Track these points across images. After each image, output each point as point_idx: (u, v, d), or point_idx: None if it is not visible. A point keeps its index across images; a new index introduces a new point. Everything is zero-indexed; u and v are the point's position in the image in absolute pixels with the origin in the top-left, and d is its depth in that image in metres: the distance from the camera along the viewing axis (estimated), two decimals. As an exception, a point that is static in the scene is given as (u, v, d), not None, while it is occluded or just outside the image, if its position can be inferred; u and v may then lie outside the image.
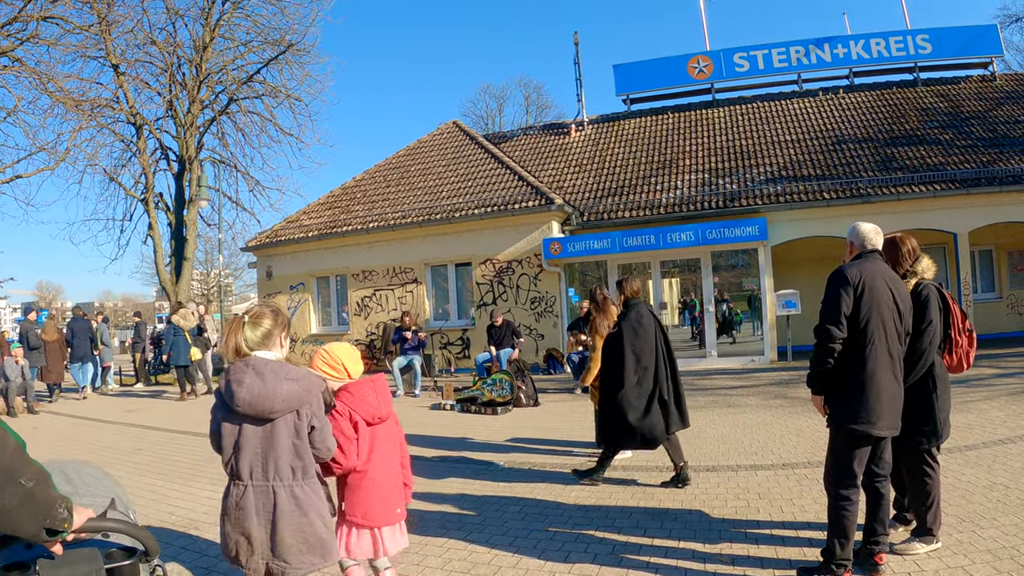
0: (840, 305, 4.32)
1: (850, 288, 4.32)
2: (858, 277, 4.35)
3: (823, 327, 4.38)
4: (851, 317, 4.33)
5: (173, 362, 16.29)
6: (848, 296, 4.32)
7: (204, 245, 46.86)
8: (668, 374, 7.03)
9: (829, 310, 4.38)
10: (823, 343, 4.39)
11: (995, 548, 4.71)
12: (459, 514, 6.41)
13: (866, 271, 4.40)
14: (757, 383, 14.09)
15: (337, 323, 22.33)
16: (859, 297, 4.32)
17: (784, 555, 4.93)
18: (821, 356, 4.42)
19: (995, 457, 7.08)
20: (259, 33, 26.62)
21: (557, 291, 18.86)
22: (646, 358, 6.95)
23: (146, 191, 25.67)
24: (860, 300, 4.32)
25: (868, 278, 4.36)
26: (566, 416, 11.57)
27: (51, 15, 22.08)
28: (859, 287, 4.32)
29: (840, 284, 4.38)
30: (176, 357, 16.12)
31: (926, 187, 17.32)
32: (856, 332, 4.34)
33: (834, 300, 4.36)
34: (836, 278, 4.44)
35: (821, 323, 4.41)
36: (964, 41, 23.36)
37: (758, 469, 7.35)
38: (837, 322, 4.32)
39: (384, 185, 23.48)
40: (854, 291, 4.32)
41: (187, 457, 9.66)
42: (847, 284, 4.34)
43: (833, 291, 4.40)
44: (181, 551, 5.75)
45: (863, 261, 4.53)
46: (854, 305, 4.32)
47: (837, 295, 4.36)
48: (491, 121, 57.62)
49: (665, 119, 24.64)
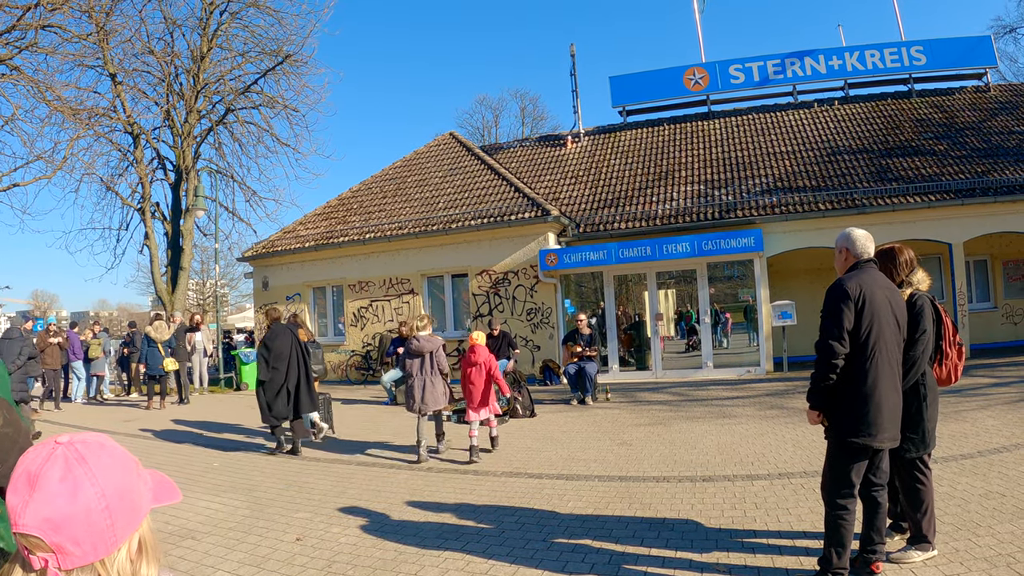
0: (842, 320, 4.30)
1: (851, 303, 4.31)
2: (858, 291, 4.33)
3: (825, 343, 4.35)
4: (852, 331, 4.31)
5: (148, 372, 16.70)
6: (849, 311, 4.30)
7: (200, 255, 47.06)
8: (299, 373, 10.40)
9: (831, 326, 4.35)
10: (826, 359, 4.35)
11: (991, 556, 4.72)
12: (457, 524, 6.41)
13: (865, 283, 4.38)
14: (753, 394, 14.10)
15: (333, 334, 22.30)
16: (860, 311, 4.30)
17: (780, 564, 4.94)
18: (823, 372, 4.39)
19: (991, 465, 7.10)
20: (256, 44, 26.80)
21: (553, 302, 18.85)
22: (275, 361, 10.25)
23: (143, 200, 25.71)
24: (861, 313, 4.30)
25: (868, 291, 4.34)
26: (562, 426, 11.58)
27: (50, 24, 22.15)
28: (860, 301, 4.31)
29: (841, 299, 4.35)
30: (151, 367, 16.50)
31: (921, 198, 17.38)
32: (857, 345, 4.32)
33: (836, 315, 4.34)
34: (836, 293, 4.41)
35: (823, 339, 4.38)
36: (958, 52, 23.48)
37: (754, 479, 7.36)
38: (840, 338, 4.30)
39: (381, 196, 23.49)
40: (855, 305, 4.30)
41: (184, 467, 9.64)
42: (848, 299, 4.32)
43: (834, 306, 4.38)
44: (178, 560, 5.76)
45: (860, 272, 4.51)
46: (855, 319, 4.31)
47: (839, 310, 4.33)
48: (487, 132, 57.86)
49: (661, 131, 24.71)
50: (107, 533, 1.17)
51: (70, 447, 1.20)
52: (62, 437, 1.22)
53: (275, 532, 6.46)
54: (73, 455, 1.19)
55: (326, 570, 5.42)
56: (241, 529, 6.61)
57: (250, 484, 8.49)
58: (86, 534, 1.15)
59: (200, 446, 11.31)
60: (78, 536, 1.14)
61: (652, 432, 10.59)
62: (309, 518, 6.85)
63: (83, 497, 1.15)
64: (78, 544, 1.15)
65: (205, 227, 28.38)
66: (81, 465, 1.18)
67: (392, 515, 6.83)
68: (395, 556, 5.63)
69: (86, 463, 1.19)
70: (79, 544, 1.15)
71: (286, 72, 26.83)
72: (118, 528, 1.19)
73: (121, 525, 1.20)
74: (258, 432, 12.35)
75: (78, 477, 1.17)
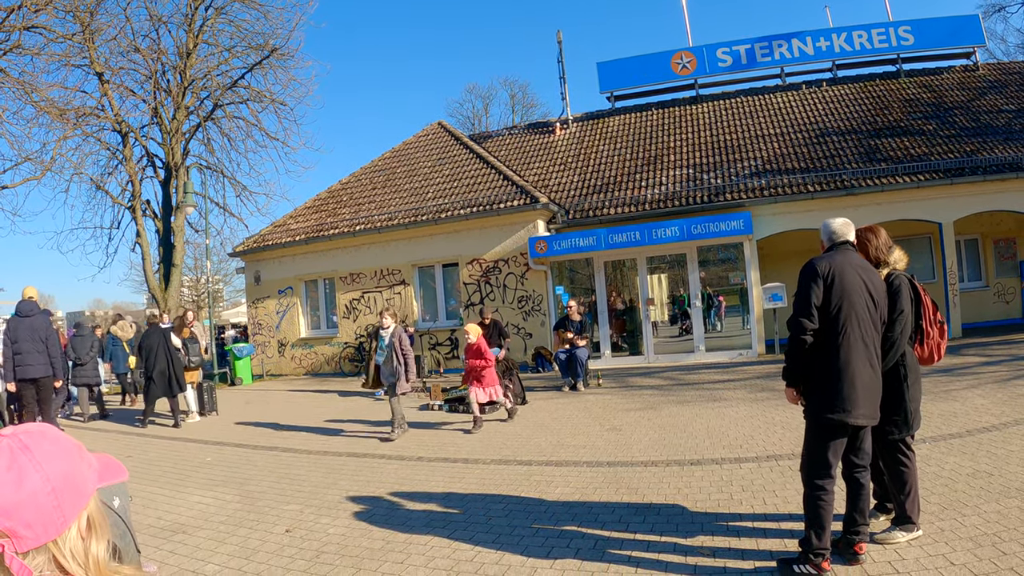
0: (810, 296, 4.41)
1: (820, 279, 4.42)
2: (827, 268, 4.44)
3: (794, 319, 4.48)
4: (823, 308, 4.41)
5: (114, 370, 17.21)
6: (818, 287, 4.41)
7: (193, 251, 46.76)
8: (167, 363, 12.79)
9: (800, 302, 4.47)
10: (795, 334, 4.48)
11: (977, 536, 4.73)
12: (444, 512, 6.42)
13: (835, 262, 4.48)
14: (744, 376, 14.13)
15: (326, 326, 22.30)
16: (829, 287, 4.40)
17: (765, 546, 4.96)
18: (794, 347, 4.52)
19: (979, 445, 7.11)
20: (243, 38, 26.71)
21: (544, 290, 18.85)
22: (146, 353, 12.74)
23: (133, 199, 25.65)
24: (831, 290, 4.40)
25: (838, 268, 4.44)
26: (553, 413, 11.59)
27: (34, 25, 22.04)
28: (829, 277, 4.41)
29: (809, 276, 4.48)
30: (116, 366, 16.89)
31: (910, 178, 17.38)
32: (828, 322, 4.41)
33: (804, 292, 4.46)
34: (805, 271, 4.54)
35: (793, 315, 4.50)
36: (946, 32, 23.44)
37: (742, 462, 7.37)
38: (808, 313, 4.40)
39: (370, 187, 23.46)
40: (824, 281, 4.41)
41: (177, 463, 9.65)
42: (816, 276, 4.45)
43: (803, 283, 4.50)
44: (169, 555, 5.77)
45: (833, 253, 4.63)
46: (824, 295, 4.41)
47: (807, 287, 4.45)
48: (477, 121, 57.75)
49: (649, 115, 24.68)
50: (55, 514, 1.20)
51: (14, 438, 1.23)
52: (6, 430, 1.25)
53: (265, 524, 6.47)
54: (17, 445, 1.22)
55: (314, 560, 5.44)
56: (232, 522, 6.62)
57: (242, 478, 8.51)
58: (36, 517, 1.18)
59: (193, 441, 11.32)
60: (29, 520, 1.17)
61: (642, 417, 10.61)
62: (299, 510, 6.86)
63: (29, 483, 1.18)
64: (30, 527, 1.17)
65: (196, 223, 28.31)
66: (25, 453, 1.21)
67: (381, 505, 6.85)
68: (383, 545, 5.64)
69: (30, 451, 1.21)
70: (31, 527, 1.17)
71: (273, 66, 26.80)
72: (66, 509, 1.22)
73: (68, 506, 1.23)
74: (254, 426, 12.37)
75: (23, 465, 1.19)
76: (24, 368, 10.85)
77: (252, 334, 23.75)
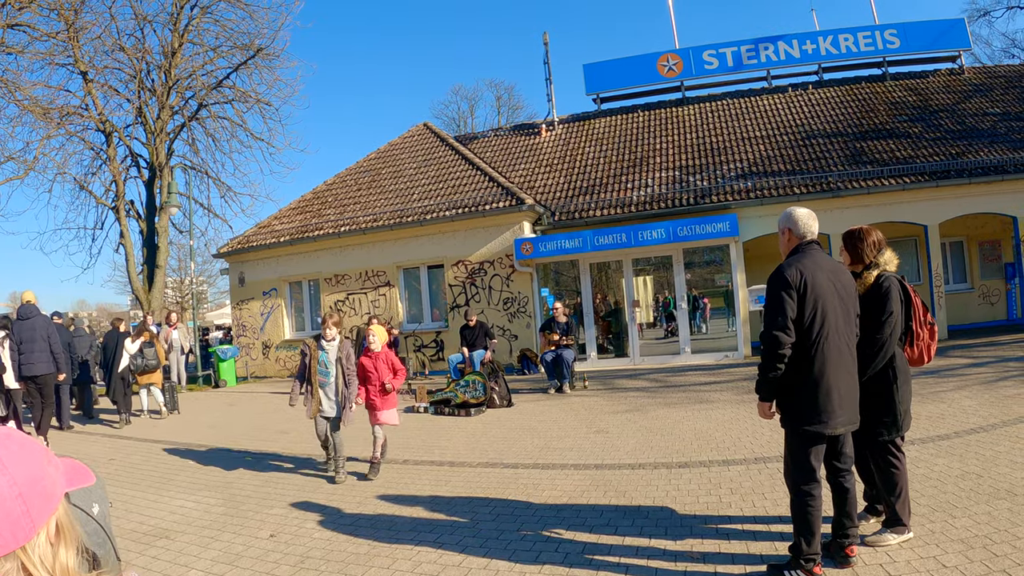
0: (785, 308, 4.21)
1: (792, 291, 4.23)
2: (799, 277, 4.25)
3: (770, 334, 4.26)
4: (796, 319, 4.23)
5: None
6: (792, 299, 4.22)
7: (177, 252, 46.56)
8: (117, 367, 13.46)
9: (774, 316, 4.26)
10: (772, 350, 4.26)
11: (967, 537, 4.71)
12: (430, 518, 6.35)
13: (806, 268, 4.29)
14: (730, 378, 14.12)
15: (311, 328, 22.12)
16: (803, 296, 4.22)
17: (755, 550, 4.91)
18: (771, 363, 4.30)
19: (967, 446, 7.11)
20: (228, 38, 26.46)
21: (530, 291, 18.80)
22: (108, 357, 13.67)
23: (117, 199, 25.39)
24: (804, 300, 4.22)
25: (809, 275, 4.26)
26: (539, 415, 11.53)
27: (18, 23, 21.83)
28: (801, 286, 4.23)
29: (782, 287, 4.26)
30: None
31: (896, 180, 17.45)
32: (803, 332, 4.25)
33: (778, 305, 4.25)
34: (777, 281, 4.32)
35: (767, 330, 4.29)
36: (932, 35, 23.63)
37: (730, 464, 7.33)
38: (784, 327, 4.21)
39: (355, 189, 23.35)
40: (797, 292, 4.22)
41: (159, 467, 9.52)
42: (788, 285, 4.24)
43: (774, 294, 4.29)
44: (152, 560, 5.68)
45: (801, 256, 4.42)
46: (798, 306, 4.23)
47: (779, 298, 4.25)
48: (463, 123, 57.79)
49: (635, 117, 24.70)
50: (24, 519, 1.14)
51: None
52: None
53: (249, 529, 6.37)
54: None
55: (299, 566, 5.35)
56: (215, 527, 6.52)
57: (225, 481, 8.40)
58: (4, 522, 1.11)
59: (177, 445, 11.20)
60: None
61: (629, 419, 10.57)
62: (284, 514, 6.77)
63: None
64: None
65: (180, 224, 28.10)
66: None
67: (367, 509, 6.76)
68: (368, 551, 5.56)
69: None
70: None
71: (258, 66, 26.57)
72: (34, 513, 1.16)
73: (37, 510, 1.17)
74: (237, 430, 12.27)
75: None
76: (28, 366, 11.24)
77: (236, 336, 23.58)
